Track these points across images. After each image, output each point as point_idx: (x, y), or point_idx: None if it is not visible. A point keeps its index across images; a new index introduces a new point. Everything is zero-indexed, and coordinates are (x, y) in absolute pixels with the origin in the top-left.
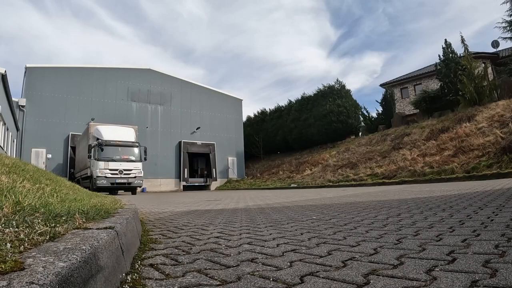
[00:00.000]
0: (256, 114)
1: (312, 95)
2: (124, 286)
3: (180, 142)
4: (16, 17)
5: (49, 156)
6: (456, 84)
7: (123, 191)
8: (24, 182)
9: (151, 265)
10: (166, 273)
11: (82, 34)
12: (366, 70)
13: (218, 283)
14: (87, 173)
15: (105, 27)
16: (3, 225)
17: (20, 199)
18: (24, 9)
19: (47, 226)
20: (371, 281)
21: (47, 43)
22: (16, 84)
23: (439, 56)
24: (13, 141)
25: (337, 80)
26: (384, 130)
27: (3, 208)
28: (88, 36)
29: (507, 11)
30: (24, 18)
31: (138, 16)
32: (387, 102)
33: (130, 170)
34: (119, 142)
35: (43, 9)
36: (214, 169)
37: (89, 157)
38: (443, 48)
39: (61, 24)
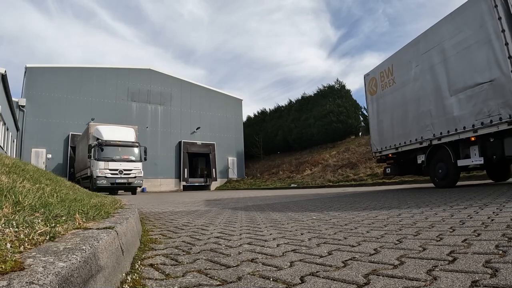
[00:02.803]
0: (256, 114)
1: (312, 95)
2: (124, 286)
3: (180, 142)
4: (17, 18)
5: (49, 156)
6: None
7: (123, 191)
8: (24, 182)
9: (151, 265)
10: (166, 273)
11: (83, 34)
12: (366, 70)
13: (218, 283)
14: (87, 173)
15: (106, 28)
16: (3, 225)
17: (20, 199)
18: (25, 10)
19: (47, 226)
20: (372, 281)
21: (48, 43)
22: (16, 84)
23: None
24: (13, 141)
25: (337, 80)
26: None
27: (3, 208)
28: (89, 36)
29: None
30: (25, 19)
31: (139, 17)
32: None
33: (130, 170)
34: (119, 142)
35: (44, 10)
36: (214, 169)
37: (89, 157)
38: None
39: (62, 25)
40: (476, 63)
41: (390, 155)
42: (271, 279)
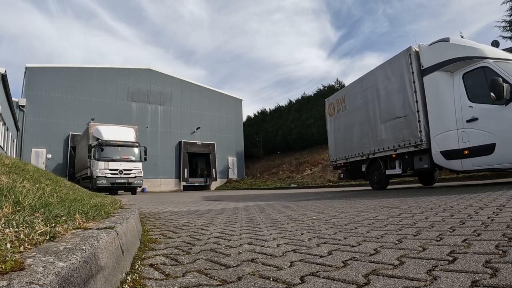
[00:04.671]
0: (256, 114)
1: (312, 95)
2: (124, 286)
3: (180, 142)
4: (18, 18)
5: (49, 156)
6: None
7: (123, 191)
8: (24, 182)
9: (151, 265)
10: (166, 273)
11: (84, 35)
12: (366, 70)
13: (218, 283)
14: (87, 173)
15: (106, 28)
16: (3, 225)
17: (20, 199)
18: (26, 10)
19: (47, 226)
20: (372, 281)
21: (49, 43)
22: (16, 84)
23: None
24: (13, 141)
25: (337, 80)
26: None
27: (3, 208)
28: (90, 37)
29: (507, 11)
30: (26, 19)
31: (139, 17)
32: None
33: (130, 170)
34: (119, 142)
35: (45, 10)
36: (214, 169)
37: (89, 157)
38: None
39: (63, 25)
40: (396, 102)
41: (342, 164)
42: (271, 279)
